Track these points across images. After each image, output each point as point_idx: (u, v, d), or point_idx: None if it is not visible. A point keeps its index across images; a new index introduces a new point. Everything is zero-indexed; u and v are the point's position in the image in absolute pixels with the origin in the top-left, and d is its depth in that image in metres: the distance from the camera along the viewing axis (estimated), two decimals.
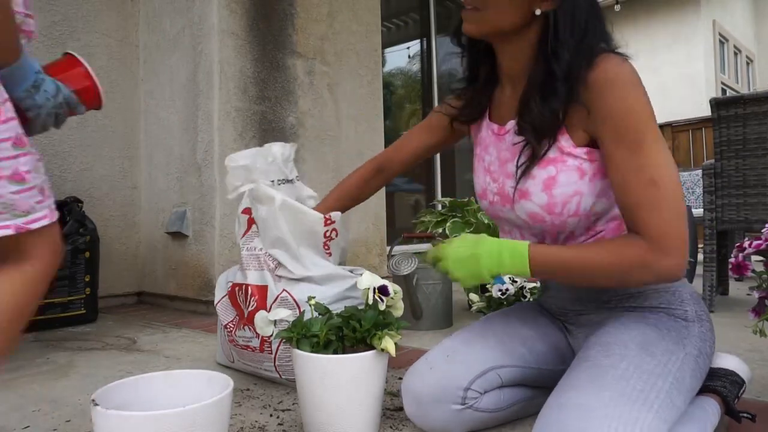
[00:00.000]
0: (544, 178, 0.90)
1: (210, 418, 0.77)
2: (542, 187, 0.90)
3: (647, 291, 0.94)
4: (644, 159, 0.81)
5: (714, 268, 2.45)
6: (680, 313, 0.91)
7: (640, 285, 0.88)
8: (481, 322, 1.09)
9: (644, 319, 0.90)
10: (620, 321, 0.91)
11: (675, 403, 0.77)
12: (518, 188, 0.93)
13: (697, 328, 0.90)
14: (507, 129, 0.99)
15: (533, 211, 0.93)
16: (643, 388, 0.75)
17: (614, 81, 0.82)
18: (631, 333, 0.86)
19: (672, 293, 0.93)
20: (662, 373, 0.79)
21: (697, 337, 0.89)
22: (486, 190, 1.04)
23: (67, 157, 2.55)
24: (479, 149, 1.07)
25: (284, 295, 1.24)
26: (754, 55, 9.97)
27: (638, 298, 0.94)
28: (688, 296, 0.94)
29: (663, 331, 0.87)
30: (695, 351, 0.87)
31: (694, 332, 0.89)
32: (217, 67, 2.40)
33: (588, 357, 0.84)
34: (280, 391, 1.29)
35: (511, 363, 0.98)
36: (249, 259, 1.36)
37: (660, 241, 0.78)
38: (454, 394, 0.93)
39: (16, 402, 1.26)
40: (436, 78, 4.37)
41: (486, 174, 1.04)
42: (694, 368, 0.85)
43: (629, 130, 0.81)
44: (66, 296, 2.16)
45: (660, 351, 0.82)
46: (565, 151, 0.89)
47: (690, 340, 0.87)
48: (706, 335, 0.91)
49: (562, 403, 0.75)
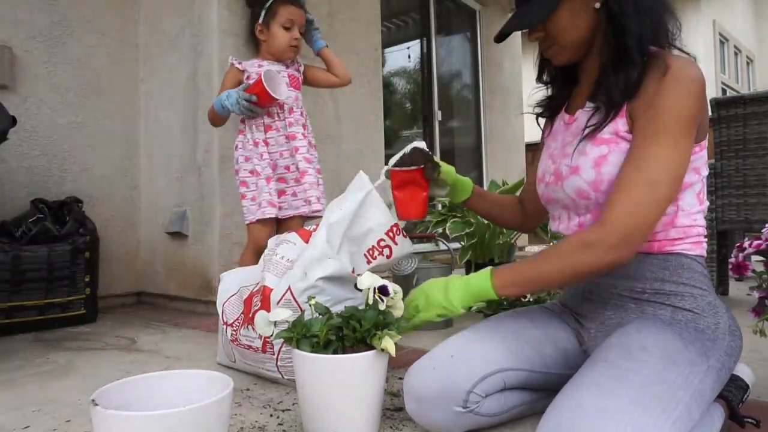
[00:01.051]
0: (595, 156, 0.94)
1: (210, 418, 0.77)
2: (592, 164, 0.94)
3: (684, 292, 0.93)
4: (651, 150, 0.86)
5: (714, 268, 2.45)
6: (711, 323, 0.90)
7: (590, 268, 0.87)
8: (490, 320, 1.07)
9: (669, 326, 0.89)
10: (643, 325, 0.89)
11: (692, 415, 0.76)
12: (571, 165, 0.98)
13: (726, 342, 0.89)
14: (575, 117, 1.03)
15: (580, 187, 0.96)
16: (663, 397, 0.73)
17: (677, 80, 0.87)
18: (654, 339, 0.84)
19: (708, 303, 0.92)
20: (684, 384, 0.77)
21: (723, 351, 0.88)
22: (545, 173, 1.08)
23: (67, 157, 2.55)
24: (549, 139, 1.13)
25: (288, 296, 1.24)
26: (754, 55, 9.97)
27: (672, 296, 0.94)
28: (724, 311, 0.93)
29: (687, 341, 0.85)
30: (718, 365, 0.85)
31: (721, 346, 0.88)
32: (217, 67, 2.40)
33: (607, 358, 0.82)
34: (280, 391, 1.29)
35: (516, 366, 0.96)
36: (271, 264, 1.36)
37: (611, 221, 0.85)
38: (456, 396, 0.91)
39: (16, 402, 1.26)
40: (436, 78, 4.37)
41: (548, 159, 1.09)
42: (715, 381, 0.84)
43: (659, 119, 0.86)
44: (66, 296, 2.16)
45: (684, 361, 0.80)
46: (620, 133, 0.92)
47: (715, 353, 0.86)
48: (733, 350, 0.90)
49: (575, 403, 0.73)
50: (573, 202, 1.00)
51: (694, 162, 0.93)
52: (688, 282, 0.93)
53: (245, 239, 2.50)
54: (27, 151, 2.41)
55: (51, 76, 2.49)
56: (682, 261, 0.94)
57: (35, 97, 2.44)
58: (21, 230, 2.15)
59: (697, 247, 0.96)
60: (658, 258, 0.94)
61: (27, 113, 2.40)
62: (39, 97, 2.45)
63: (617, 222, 0.84)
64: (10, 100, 2.29)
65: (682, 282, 0.93)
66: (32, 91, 2.43)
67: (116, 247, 2.72)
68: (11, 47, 2.34)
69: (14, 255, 2.04)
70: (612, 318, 0.99)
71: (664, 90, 0.87)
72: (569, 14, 0.95)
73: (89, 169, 2.63)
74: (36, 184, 2.43)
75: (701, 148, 0.94)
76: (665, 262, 0.94)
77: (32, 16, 2.43)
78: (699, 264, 0.95)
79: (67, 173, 2.55)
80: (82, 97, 2.60)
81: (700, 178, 0.96)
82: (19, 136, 2.33)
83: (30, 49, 2.42)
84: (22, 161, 2.40)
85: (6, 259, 2.01)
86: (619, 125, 0.92)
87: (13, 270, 2.03)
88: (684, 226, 0.94)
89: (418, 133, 4.44)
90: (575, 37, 0.97)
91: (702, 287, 0.93)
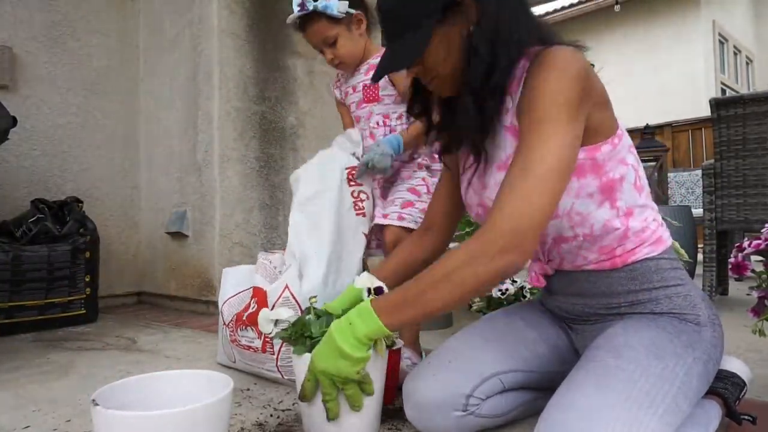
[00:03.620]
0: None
1: (210, 418, 0.77)
2: None
3: (658, 296, 0.91)
4: (534, 141, 0.79)
5: (714, 268, 2.45)
6: (692, 318, 0.89)
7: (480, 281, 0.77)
8: (485, 322, 1.08)
9: (654, 321, 0.88)
10: (629, 323, 0.90)
11: (680, 407, 0.76)
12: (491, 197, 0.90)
13: (709, 333, 0.88)
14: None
15: None
16: (650, 391, 0.74)
17: (548, 65, 0.81)
18: (640, 335, 0.85)
19: (684, 297, 0.91)
20: (669, 377, 0.78)
21: (708, 342, 0.87)
22: (471, 206, 1.02)
23: (67, 157, 2.55)
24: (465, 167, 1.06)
25: (286, 294, 1.24)
26: (754, 55, 9.97)
27: (648, 303, 0.92)
28: (700, 300, 0.91)
29: (672, 334, 0.85)
30: (705, 356, 0.85)
31: (706, 337, 0.87)
32: (216, 67, 2.40)
33: (595, 357, 0.83)
34: (280, 391, 1.29)
35: (513, 368, 0.97)
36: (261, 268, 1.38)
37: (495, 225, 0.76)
38: (456, 401, 0.92)
39: (16, 402, 1.26)
40: None
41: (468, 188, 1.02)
42: (702, 373, 0.84)
43: (537, 108, 0.80)
44: (66, 296, 2.16)
45: (668, 355, 0.81)
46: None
47: (700, 344, 0.86)
48: (717, 341, 0.90)
49: (566, 404, 0.75)
50: None
51: (618, 154, 0.87)
52: (660, 284, 0.91)
53: (245, 239, 2.51)
54: (27, 151, 2.41)
55: (51, 76, 2.49)
56: (649, 265, 0.91)
57: (35, 97, 2.44)
58: (21, 230, 2.15)
59: (658, 245, 0.92)
60: (624, 271, 0.92)
61: (27, 113, 2.40)
62: (39, 97, 2.45)
63: (504, 225, 0.76)
64: (10, 100, 2.29)
65: (654, 287, 0.91)
66: (32, 91, 2.43)
67: (116, 247, 2.72)
68: (11, 47, 2.34)
69: (14, 255, 2.04)
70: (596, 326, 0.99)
71: (537, 79, 0.81)
72: (444, 45, 0.87)
73: (89, 169, 2.63)
74: (36, 184, 2.43)
75: (619, 138, 0.88)
76: (632, 272, 0.91)
77: (32, 16, 2.43)
78: (666, 260, 0.92)
79: (67, 173, 2.55)
80: (82, 97, 2.60)
81: (629, 167, 0.90)
82: (19, 136, 2.33)
83: (30, 49, 2.42)
84: (22, 161, 2.40)
85: (6, 259, 2.01)
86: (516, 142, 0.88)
87: (13, 270, 2.03)
88: (637, 231, 0.91)
89: None
90: (454, 67, 0.88)
91: (675, 283, 0.91)
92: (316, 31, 1.46)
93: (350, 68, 1.56)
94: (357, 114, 1.57)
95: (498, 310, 1.14)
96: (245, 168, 2.49)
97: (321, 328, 0.96)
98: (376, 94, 1.53)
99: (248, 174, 2.50)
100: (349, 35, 1.48)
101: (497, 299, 2.01)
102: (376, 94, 1.53)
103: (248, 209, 2.49)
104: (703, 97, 6.49)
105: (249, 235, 2.49)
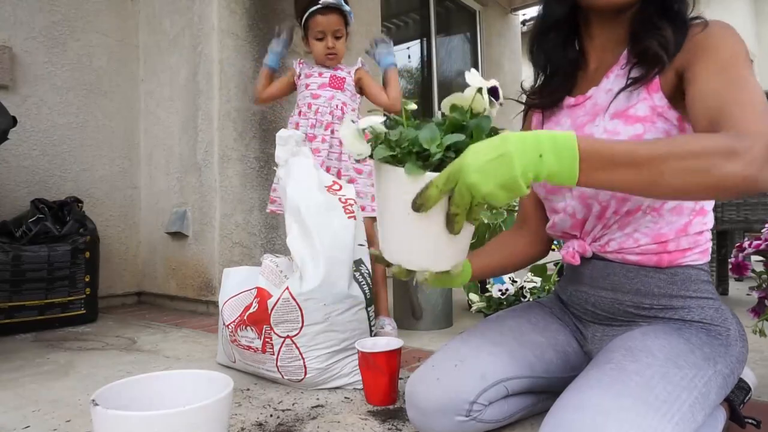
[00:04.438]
0: (630, 135, 0.84)
1: (210, 418, 0.77)
2: None
3: (691, 305, 0.89)
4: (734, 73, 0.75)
5: (714, 268, 2.45)
6: (722, 331, 0.87)
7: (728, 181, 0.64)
8: (491, 323, 1.05)
9: (678, 330, 0.86)
10: (650, 328, 0.88)
11: (696, 417, 0.75)
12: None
13: (738, 348, 0.87)
14: (588, 95, 0.94)
15: None
16: (666, 399, 0.72)
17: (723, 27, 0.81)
18: (660, 342, 0.82)
19: (716, 310, 0.89)
20: (687, 386, 0.76)
21: (735, 357, 0.85)
22: None
23: (67, 157, 2.55)
24: (549, 124, 1.01)
25: (285, 295, 1.24)
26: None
27: (680, 310, 0.89)
28: (731, 315, 0.90)
29: (694, 345, 0.83)
30: (727, 370, 0.83)
31: (733, 352, 0.85)
32: (217, 67, 2.40)
33: (611, 359, 0.80)
34: (280, 391, 1.29)
35: (519, 374, 0.95)
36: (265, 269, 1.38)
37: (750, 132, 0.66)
38: (459, 406, 0.91)
39: (16, 402, 1.26)
40: (436, 78, 4.37)
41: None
42: (722, 386, 0.82)
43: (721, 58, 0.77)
44: (66, 296, 2.16)
45: (688, 364, 0.79)
46: (657, 110, 0.83)
47: (725, 358, 0.84)
48: (743, 356, 0.88)
49: (576, 404, 0.72)
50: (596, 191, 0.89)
51: None
52: (695, 294, 0.90)
53: (245, 239, 2.51)
54: (27, 151, 2.41)
55: (51, 76, 2.49)
56: (690, 273, 0.90)
57: (35, 97, 2.44)
58: (21, 230, 2.15)
59: (704, 255, 0.92)
60: (666, 273, 0.90)
61: (27, 113, 2.40)
62: (39, 97, 2.45)
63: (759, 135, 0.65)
64: (10, 100, 2.29)
65: (689, 295, 0.90)
66: (32, 91, 2.43)
67: (116, 247, 2.72)
68: (11, 47, 2.34)
69: (14, 255, 2.04)
70: (619, 327, 0.97)
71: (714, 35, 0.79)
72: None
73: (89, 169, 2.63)
74: (36, 184, 2.43)
75: None
76: (673, 276, 0.90)
77: (32, 16, 2.43)
78: (705, 272, 0.92)
79: (67, 173, 2.55)
80: (82, 97, 2.60)
81: None
82: (19, 136, 2.33)
83: (30, 49, 2.42)
84: (22, 161, 2.40)
85: (6, 259, 2.01)
86: (655, 100, 0.83)
87: (13, 270, 2.03)
88: (695, 234, 0.89)
89: None
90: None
91: (708, 296, 0.91)
92: (335, 21, 1.84)
93: (335, 63, 1.92)
94: (315, 92, 1.88)
95: (505, 311, 1.11)
96: (245, 168, 2.49)
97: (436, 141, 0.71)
98: (342, 84, 1.90)
99: (248, 174, 2.50)
100: (345, 40, 1.92)
101: (497, 299, 2.01)
102: (341, 85, 1.90)
103: (248, 209, 2.49)
104: None
105: (249, 235, 2.49)
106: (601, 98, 0.91)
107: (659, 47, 0.82)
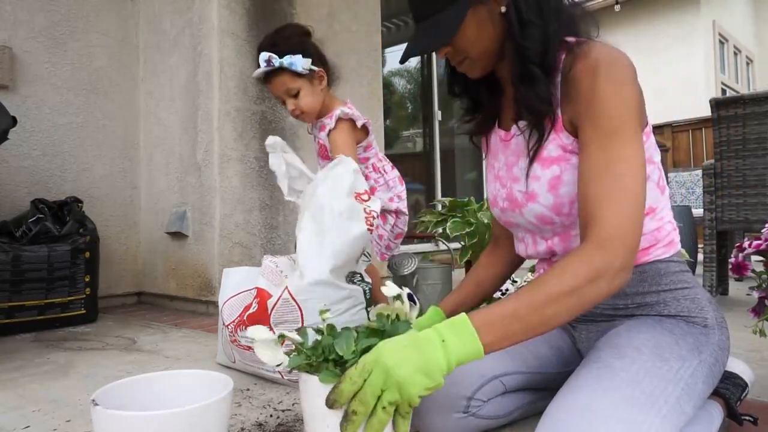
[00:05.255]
0: (549, 178, 0.89)
1: (210, 418, 0.77)
2: (548, 188, 0.89)
3: (666, 299, 0.90)
4: (615, 151, 0.78)
5: (714, 268, 2.45)
6: (700, 320, 0.88)
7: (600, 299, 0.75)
8: None
9: (659, 323, 0.88)
10: (634, 324, 0.89)
11: (684, 409, 0.76)
12: (526, 191, 0.92)
13: (717, 335, 0.88)
14: (512, 133, 0.98)
15: (541, 213, 0.92)
16: (653, 392, 0.74)
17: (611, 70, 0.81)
18: (645, 337, 0.84)
19: (692, 300, 0.90)
20: (673, 378, 0.77)
21: (716, 345, 0.87)
22: (496, 197, 1.03)
23: (67, 157, 2.55)
24: (490, 157, 1.07)
25: (285, 295, 1.24)
26: (754, 56, 9.97)
27: (656, 305, 0.91)
28: (707, 303, 0.91)
29: (678, 336, 0.84)
30: (711, 359, 0.84)
31: (713, 340, 0.87)
32: (217, 67, 2.40)
33: (598, 358, 0.82)
34: (280, 391, 1.29)
35: (515, 369, 0.97)
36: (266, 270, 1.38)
37: (609, 241, 0.74)
38: (457, 403, 0.92)
39: (16, 402, 1.26)
40: (436, 78, 4.37)
41: (496, 180, 1.04)
42: (708, 375, 0.83)
43: (607, 117, 0.79)
44: (66, 296, 2.16)
45: (673, 357, 0.80)
46: (568, 149, 0.87)
47: (708, 347, 0.85)
48: (724, 343, 0.89)
49: (568, 404, 0.74)
50: (536, 227, 0.96)
51: (646, 151, 0.86)
52: (669, 287, 0.91)
53: (245, 239, 2.51)
54: (27, 151, 2.41)
55: (51, 76, 2.49)
56: (659, 268, 0.91)
57: (35, 97, 2.44)
58: (21, 230, 2.15)
59: (670, 248, 0.92)
60: (634, 272, 0.90)
61: (27, 113, 2.40)
62: (39, 97, 2.45)
63: (616, 241, 0.73)
64: (10, 100, 2.29)
65: (662, 289, 0.91)
66: (32, 91, 2.43)
67: (116, 247, 2.72)
68: (11, 47, 2.34)
69: (14, 255, 2.04)
70: (602, 323, 0.99)
71: (602, 85, 0.80)
72: (475, 25, 0.87)
73: (89, 169, 2.63)
74: (36, 184, 2.43)
75: (647, 135, 0.89)
76: (642, 274, 0.91)
77: (32, 16, 2.43)
78: (675, 263, 0.92)
79: (67, 173, 2.55)
80: (82, 97, 2.60)
81: (655, 165, 0.90)
82: (19, 136, 2.33)
83: (30, 49, 2.42)
84: (22, 161, 2.40)
85: (6, 259, 2.01)
86: (563, 139, 0.87)
87: (13, 270, 2.03)
88: (652, 231, 0.91)
89: (417, 132, 4.44)
90: (485, 48, 0.89)
91: (683, 286, 0.91)
92: (280, 83, 1.57)
93: (310, 119, 1.68)
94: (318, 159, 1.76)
95: None
96: (245, 168, 2.49)
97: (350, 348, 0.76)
98: (326, 152, 1.69)
99: (248, 174, 2.50)
100: (311, 89, 1.60)
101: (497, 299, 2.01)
102: (326, 153, 1.69)
103: (248, 209, 2.49)
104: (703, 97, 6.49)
105: (249, 235, 2.49)
106: (519, 141, 0.95)
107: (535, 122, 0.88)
